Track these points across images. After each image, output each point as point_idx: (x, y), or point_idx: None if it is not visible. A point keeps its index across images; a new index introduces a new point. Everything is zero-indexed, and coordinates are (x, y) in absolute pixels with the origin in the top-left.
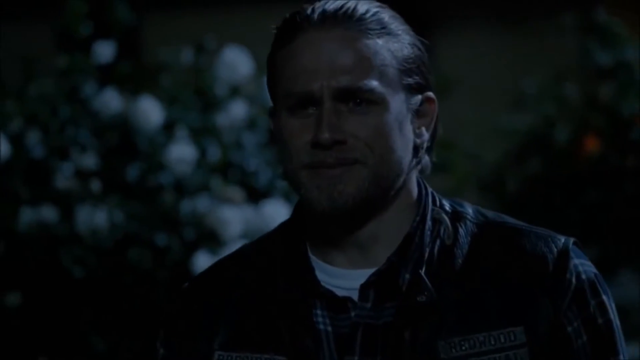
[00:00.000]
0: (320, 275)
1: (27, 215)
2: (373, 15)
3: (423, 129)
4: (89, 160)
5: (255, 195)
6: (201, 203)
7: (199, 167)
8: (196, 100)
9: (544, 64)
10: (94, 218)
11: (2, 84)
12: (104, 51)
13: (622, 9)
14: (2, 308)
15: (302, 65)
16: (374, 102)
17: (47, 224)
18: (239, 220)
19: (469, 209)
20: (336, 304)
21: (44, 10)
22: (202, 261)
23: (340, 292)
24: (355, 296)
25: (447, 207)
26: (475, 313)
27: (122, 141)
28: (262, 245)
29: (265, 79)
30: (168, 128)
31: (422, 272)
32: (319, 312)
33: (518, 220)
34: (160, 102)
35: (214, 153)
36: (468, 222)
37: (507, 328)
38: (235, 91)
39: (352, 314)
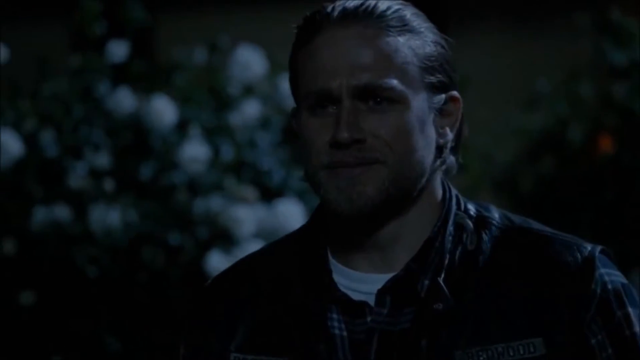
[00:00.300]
0: (338, 278)
1: (40, 215)
2: (394, 12)
3: (447, 128)
4: (103, 160)
5: (269, 195)
6: (214, 202)
7: (213, 167)
8: (209, 100)
9: (558, 64)
10: (108, 217)
11: (16, 84)
12: (118, 51)
13: (637, 8)
14: (16, 307)
15: (321, 64)
16: (395, 101)
17: (60, 223)
18: (252, 220)
19: (495, 214)
20: (352, 308)
21: (58, 10)
22: (215, 260)
23: (358, 297)
24: (372, 301)
25: (472, 211)
26: (495, 322)
27: (135, 140)
28: (282, 247)
29: (278, 78)
30: (181, 127)
31: (441, 279)
32: (334, 316)
33: (545, 227)
34: (173, 102)
35: (228, 152)
36: (493, 228)
37: (527, 339)
38: (248, 90)
39: (369, 319)
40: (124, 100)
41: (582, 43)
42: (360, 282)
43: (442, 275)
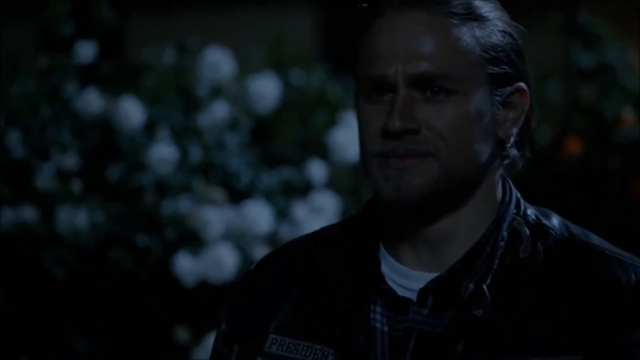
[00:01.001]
0: (386, 271)
1: (7, 216)
2: None
3: (510, 122)
4: (70, 161)
5: (237, 196)
6: (182, 204)
7: (181, 168)
8: (178, 101)
9: (527, 64)
10: (75, 218)
11: None
12: (86, 51)
13: (606, 10)
14: None
15: (378, 50)
16: (453, 92)
17: (27, 224)
18: (220, 221)
19: (555, 223)
20: (396, 304)
21: (26, 10)
22: (183, 262)
23: (403, 292)
24: (416, 298)
25: (531, 217)
26: (535, 335)
27: (103, 141)
28: (331, 234)
29: (247, 79)
30: (150, 128)
31: (486, 284)
32: (378, 309)
33: (605, 242)
34: (142, 103)
35: (196, 154)
36: (550, 238)
37: (565, 356)
38: (217, 92)
39: (410, 317)
40: (92, 101)
41: (551, 44)
42: (408, 278)
43: (488, 281)
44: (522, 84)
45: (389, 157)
